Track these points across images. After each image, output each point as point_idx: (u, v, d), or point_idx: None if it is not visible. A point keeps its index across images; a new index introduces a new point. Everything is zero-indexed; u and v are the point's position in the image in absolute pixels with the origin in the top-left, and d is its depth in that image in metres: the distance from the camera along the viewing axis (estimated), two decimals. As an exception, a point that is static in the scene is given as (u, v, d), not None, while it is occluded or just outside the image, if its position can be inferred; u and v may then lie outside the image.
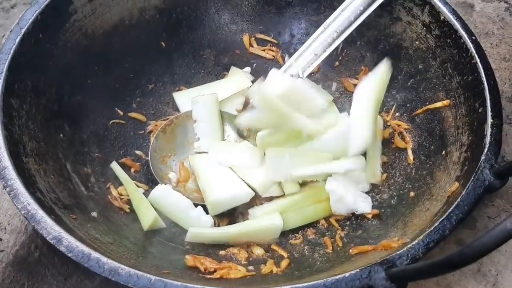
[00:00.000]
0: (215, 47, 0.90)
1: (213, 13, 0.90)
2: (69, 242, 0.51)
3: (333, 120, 0.75)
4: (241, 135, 0.81)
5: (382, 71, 0.74)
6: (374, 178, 0.74)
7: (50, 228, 0.52)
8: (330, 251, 0.66)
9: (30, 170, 0.59)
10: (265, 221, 0.69)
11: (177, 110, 0.85)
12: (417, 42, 0.77)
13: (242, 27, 0.92)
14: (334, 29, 0.75)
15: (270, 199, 0.73)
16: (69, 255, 0.50)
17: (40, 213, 0.53)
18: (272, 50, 0.91)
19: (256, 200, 0.73)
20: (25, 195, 0.54)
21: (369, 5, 0.73)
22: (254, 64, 0.91)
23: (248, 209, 0.72)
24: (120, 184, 0.73)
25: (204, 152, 0.78)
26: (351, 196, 0.70)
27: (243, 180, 0.73)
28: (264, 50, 0.91)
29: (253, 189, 0.72)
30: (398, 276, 0.48)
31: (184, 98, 0.84)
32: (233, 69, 0.90)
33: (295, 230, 0.71)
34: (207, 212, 0.71)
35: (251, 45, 0.92)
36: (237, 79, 0.86)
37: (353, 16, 0.74)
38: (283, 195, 0.73)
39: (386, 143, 0.78)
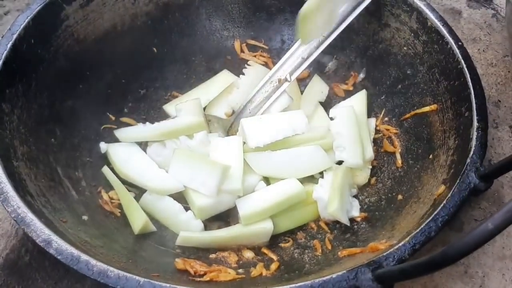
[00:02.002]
0: (206, 53, 0.91)
1: (205, 19, 0.91)
2: (58, 245, 0.52)
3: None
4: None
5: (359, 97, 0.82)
6: (362, 181, 0.75)
7: (40, 231, 0.52)
8: (319, 254, 0.67)
9: (20, 174, 0.60)
10: (255, 225, 0.69)
11: (168, 115, 0.85)
12: (405, 48, 0.78)
13: (233, 33, 0.93)
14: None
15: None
16: (58, 257, 0.51)
17: (30, 216, 0.53)
18: (263, 56, 0.92)
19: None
20: (15, 198, 0.54)
21: (354, 9, 0.75)
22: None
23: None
24: (111, 188, 0.73)
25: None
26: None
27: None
28: (255, 56, 0.92)
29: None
30: (384, 277, 0.48)
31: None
32: (225, 73, 0.90)
33: (285, 233, 0.72)
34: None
35: (242, 51, 0.92)
36: (221, 78, 0.87)
37: (339, 20, 0.75)
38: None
39: (375, 147, 0.79)
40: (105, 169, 0.75)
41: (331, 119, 0.79)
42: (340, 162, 0.75)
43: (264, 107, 0.80)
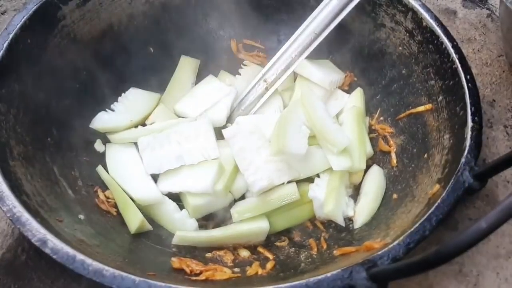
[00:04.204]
0: (203, 53, 0.91)
1: (201, 19, 0.91)
2: (54, 244, 0.52)
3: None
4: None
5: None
6: (357, 180, 0.75)
7: (36, 231, 0.52)
8: (315, 253, 0.67)
9: (16, 174, 0.60)
10: (251, 224, 0.70)
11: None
12: (400, 48, 0.78)
13: (229, 33, 0.93)
14: (312, 30, 0.77)
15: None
16: (54, 257, 0.51)
17: (26, 216, 0.53)
18: (259, 56, 0.92)
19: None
20: (10, 197, 0.55)
21: (346, 5, 0.75)
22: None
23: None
24: (108, 187, 0.74)
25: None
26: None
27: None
28: (251, 56, 0.92)
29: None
30: (379, 275, 0.49)
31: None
32: (222, 73, 0.91)
33: (281, 232, 0.72)
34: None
35: (238, 50, 0.93)
36: (215, 86, 0.86)
37: (330, 17, 0.76)
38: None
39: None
40: (100, 169, 0.75)
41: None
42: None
43: (257, 105, 0.80)
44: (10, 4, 0.99)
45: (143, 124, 0.81)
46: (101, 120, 0.79)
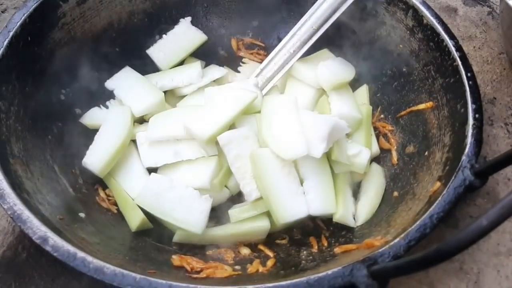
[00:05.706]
0: (203, 51, 0.91)
1: (202, 16, 0.91)
2: (55, 242, 0.52)
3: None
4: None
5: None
6: (358, 178, 0.75)
7: (36, 228, 0.53)
8: (316, 250, 0.67)
9: (17, 171, 0.60)
10: (252, 223, 0.69)
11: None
12: (401, 46, 0.78)
13: (230, 31, 0.93)
14: (310, 25, 0.77)
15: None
16: (55, 254, 0.51)
17: (26, 214, 0.53)
18: (260, 54, 0.92)
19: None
20: (11, 195, 0.55)
21: (343, 2, 0.75)
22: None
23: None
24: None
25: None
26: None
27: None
28: (252, 54, 0.92)
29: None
30: (379, 273, 0.49)
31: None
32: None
33: (281, 230, 0.72)
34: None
35: (239, 48, 0.92)
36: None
37: (329, 12, 0.76)
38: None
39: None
40: None
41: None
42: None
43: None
44: (10, 2, 0.99)
45: (142, 121, 0.81)
46: (93, 116, 0.78)
